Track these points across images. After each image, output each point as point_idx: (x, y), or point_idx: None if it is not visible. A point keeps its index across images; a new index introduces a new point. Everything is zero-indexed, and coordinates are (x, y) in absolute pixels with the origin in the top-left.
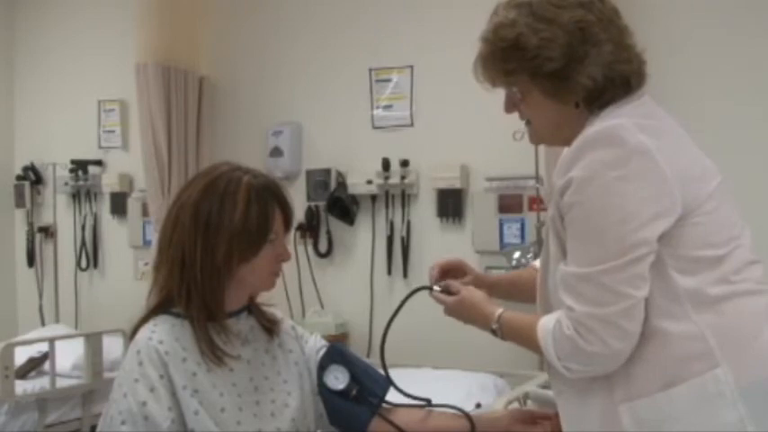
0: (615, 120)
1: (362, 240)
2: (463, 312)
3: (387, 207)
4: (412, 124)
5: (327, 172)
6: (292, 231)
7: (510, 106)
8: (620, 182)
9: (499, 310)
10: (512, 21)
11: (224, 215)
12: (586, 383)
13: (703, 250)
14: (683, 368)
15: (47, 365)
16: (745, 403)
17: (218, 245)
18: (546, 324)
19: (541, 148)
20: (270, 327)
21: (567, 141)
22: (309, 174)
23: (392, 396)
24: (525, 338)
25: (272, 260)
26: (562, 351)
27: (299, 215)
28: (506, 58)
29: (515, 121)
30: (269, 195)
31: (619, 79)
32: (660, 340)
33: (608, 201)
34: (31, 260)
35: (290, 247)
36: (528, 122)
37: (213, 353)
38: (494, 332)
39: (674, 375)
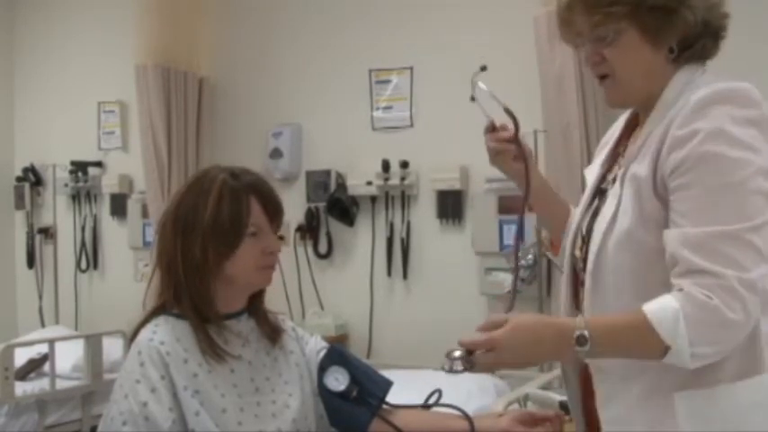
0: (739, 83)
1: (362, 242)
2: (526, 338)
3: (386, 208)
4: (412, 125)
5: (327, 173)
6: (291, 230)
7: (595, 55)
8: (755, 140)
9: (578, 317)
10: None
11: (198, 214)
12: (636, 364)
13: None
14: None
15: (47, 367)
16: None
17: (194, 243)
18: (664, 305)
19: (541, 150)
20: (272, 335)
21: (651, 98)
22: (309, 175)
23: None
24: (628, 336)
25: (257, 254)
26: (699, 330)
27: (298, 216)
28: None
29: None
30: (243, 190)
31: (712, 28)
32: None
33: (744, 155)
34: (30, 261)
35: (290, 249)
36: (605, 78)
37: (214, 350)
38: (579, 342)
39: (747, 367)
